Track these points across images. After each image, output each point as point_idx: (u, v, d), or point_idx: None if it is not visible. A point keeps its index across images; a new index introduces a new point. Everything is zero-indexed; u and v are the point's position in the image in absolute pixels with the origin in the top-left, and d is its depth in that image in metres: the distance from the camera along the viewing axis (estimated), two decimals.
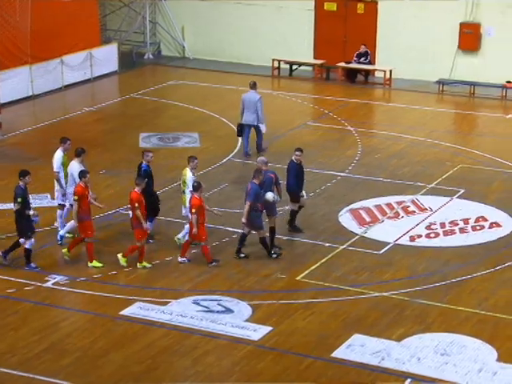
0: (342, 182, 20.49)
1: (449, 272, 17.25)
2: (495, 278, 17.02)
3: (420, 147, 24.53)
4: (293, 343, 14.78)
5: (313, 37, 33.27)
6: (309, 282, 16.92)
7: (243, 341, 14.82)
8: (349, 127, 26.45)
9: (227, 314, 15.67)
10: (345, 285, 16.75)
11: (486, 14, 30.56)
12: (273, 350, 14.56)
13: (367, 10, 32.38)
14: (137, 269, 17.37)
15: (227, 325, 15.28)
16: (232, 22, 34.05)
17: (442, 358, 14.24)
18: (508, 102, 29.46)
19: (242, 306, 15.95)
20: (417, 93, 30.25)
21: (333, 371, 14.00)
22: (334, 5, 32.87)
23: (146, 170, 18.19)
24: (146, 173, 18.08)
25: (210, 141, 24.97)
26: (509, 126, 26.96)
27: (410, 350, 14.47)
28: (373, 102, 29.97)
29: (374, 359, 14.23)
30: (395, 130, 26.01)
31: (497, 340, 14.75)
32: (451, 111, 29.40)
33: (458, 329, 15.15)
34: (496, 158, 23.48)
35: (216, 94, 30.37)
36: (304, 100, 29.61)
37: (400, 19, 31.53)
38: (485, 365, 14.04)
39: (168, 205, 19.46)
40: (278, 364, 14.19)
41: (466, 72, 30.72)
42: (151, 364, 14.19)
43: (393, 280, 16.98)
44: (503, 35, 30.36)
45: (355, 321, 15.51)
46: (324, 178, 21.66)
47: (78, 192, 17.09)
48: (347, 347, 14.60)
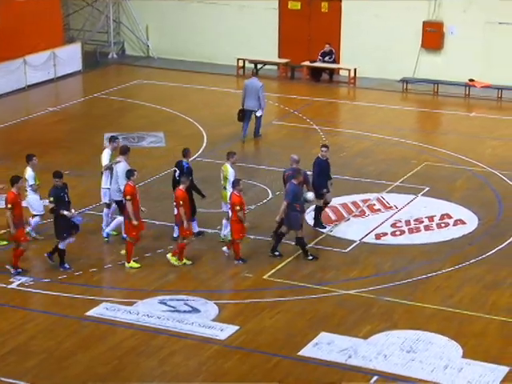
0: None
1: (414, 269, 17.34)
2: (460, 275, 17.14)
3: (385, 145, 24.65)
4: (260, 342, 14.77)
5: (277, 36, 33.31)
6: (275, 280, 16.92)
7: (210, 340, 14.78)
8: (314, 126, 26.51)
9: (194, 313, 15.62)
10: (311, 283, 16.77)
11: (449, 12, 30.79)
12: (240, 350, 14.55)
13: (331, 8, 32.47)
14: (103, 269, 17.27)
15: (194, 324, 15.24)
16: (196, 22, 33.98)
17: (408, 355, 14.31)
18: (471, 100, 29.70)
19: (209, 305, 15.92)
20: (381, 91, 30.40)
21: (300, 370, 14.02)
22: (298, 4, 32.94)
23: (189, 167, 18.33)
24: (188, 170, 18.20)
25: (175, 140, 24.88)
26: (472, 124, 27.19)
27: (377, 348, 14.53)
28: (338, 101, 30.07)
29: (341, 357, 14.27)
30: (360, 129, 26.12)
31: (462, 337, 14.85)
32: (415, 109, 29.59)
33: (423, 326, 15.24)
34: (460, 155, 23.66)
35: (181, 93, 30.28)
36: (269, 99, 29.54)
37: (364, 18, 31.66)
38: (450, 361, 14.14)
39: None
40: (245, 363, 14.17)
41: (430, 70, 30.94)
42: (118, 365, 14.11)
43: (359, 278, 17.03)
44: (466, 34, 30.60)
45: (322, 319, 15.54)
46: None
47: (129, 192, 16.97)
48: (314, 345, 14.62)
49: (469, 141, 25.24)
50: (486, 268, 17.36)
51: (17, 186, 16.79)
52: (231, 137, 24.18)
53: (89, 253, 17.93)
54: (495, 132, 26.08)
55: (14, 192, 16.75)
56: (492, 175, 22.33)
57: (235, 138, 24.61)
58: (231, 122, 26.49)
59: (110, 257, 17.83)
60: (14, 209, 16.64)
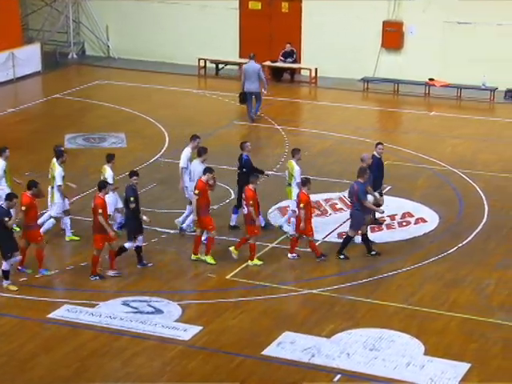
0: (270, 181, 20.53)
1: (376, 268, 17.44)
2: (421, 273, 17.27)
3: (346, 145, 24.77)
4: (223, 342, 14.76)
5: (238, 36, 33.31)
6: (239, 280, 16.93)
7: (173, 341, 14.74)
8: (276, 126, 26.55)
9: (157, 314, 15.57)
10: (274, 283, 16.80)
11: (408, 12, 31.02)
12: (203, 350, 14.53)
13: (292, 8, 32.55)
14: (65, 271, 17.13)
15: (157, 325, 15.18)
16: (157, 22, 33.86)
17: (371, 353, 14.39)
18: (431, 99, 29.95)
19: (172, 306, 15.87)
20: (342, 91, 30.53)
21: (263, 369, 14.03)
22: (258, 4, 32.97)
23: (247, 159, 18.59)
24: (247, 163, 18.51)
25: (136, 141, 24.79)
26: (432, 122, 27.41)
27: (340, 346, 14.59)
28: (299, 101, 30.16)
29: (305, 356, 14.31)
30: (322, 128, 26.21)
31: (424, 334, 14.96)
32: (376, 109, 29.78)
33: (386, 324, 15.33)
34: (420, 154, 23.83)
35: (142, 93, 30.16)
36: (231, 99, 29.59)
37: (324, 18, 31.76)
38: (413, 359, 14.24)
39: None
40: (208, 363, 14.15)
41: (390, 70, 31.14)
42: (80, 367, 14.02)
43: (322, 277, 17.09)
44: (425, 33, 30.85)
45: (285, 318, 15.57)
46: None
47: (199, 187, 17.14)
48: (278, 345, 14.64)
49: (429, 139, 25.44)
50: (446, 266, 17.51)
51: (34, 190, 16.73)
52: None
53: (50, 255, 17.77)
54: (455, 131, 26.32)
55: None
56: (452, 174, 22.54)
57: None
58: (192, 121, 26.49)
59: (72, 258, 17.70)
60: (29, 211, 16.48)
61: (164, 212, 19.41)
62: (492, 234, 18.88)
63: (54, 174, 18.15)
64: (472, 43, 30.22)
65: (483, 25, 30.03)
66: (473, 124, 27.17)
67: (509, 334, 15.00)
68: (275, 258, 17.77)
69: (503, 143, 25.23)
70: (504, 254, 18.02)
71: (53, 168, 18.24)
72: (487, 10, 29.90)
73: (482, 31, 30.06)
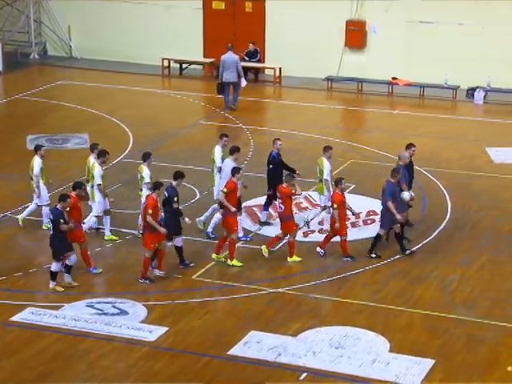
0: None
1: (342, 266, 17.49)
2: (386, 271, 17.37)
3: (311, 144, 24.82)
4: (189, 342, 14.74)
5: (202, 35, 33.26)
6: (204, 280, 16.90)
7: (139, 342, 14.68)
8: (241, 125, 26.55)
9: (122, 315, 15.49)
10: (240, 282, 16.80)
11: (371, 11, 31.18)
12: (169, 351, 14.48)
13: (255, 8, 32.57)
14: (28, 273, 16.98)
15: (122, 327, 15.11)
16: (120, 21, 33.71)
17: (336, 351, 14.44)
18: (394, 97, 30.13)
19: (137, 307, 15.80)
20: (306, 90, 30.62)
21: (230, 369, 14.03)
22: (222, 3, 32.95)
23: (275, 157, 18.74)
24: (274, 159, 18.73)
25: (100, 141, 24.43)
26: (396, 121, 27.58)
27: (306, 345, 14.62)
28: (263, 100, 30.19)
29: (271, 355, 14.32)
30: (286, 128, 26.25)
31: (389, 331, 15.05)
32: (340, 107, 29.90)
33: (351, 321, 15.39)
34: (385, 152, 23.96)
35: (106, 93, 30.01)
36: (195, 99, 29.58)
37: (288, 17, 31.83)
38: (378, 356, 14.31)
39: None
40: (174, 364, 14.12)
41: (354, 69, 31.27)
42: (45, 370, 13.91)
43: (287, 276, 17.12)
44: (388, 32, 31.03)
45: (251, 318, 15.58)
46: None
47: (229, 187, 17.25)
48: (244, 344, 14.64)
49: (393, 138, 25.57)
50: (411, 263, 17.62)
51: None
52: (157, 137, 24.03)
53: (13, 257, 17.62)
54: (418, 129, 26.49)
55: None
56: (416, 172, 22.62)
57: (161, 138, 24.49)
58: (156, 121, 26.42)
59: (36, 260, 17.56)
60: (73, 212, 16.47)
61: (128, 213, 19.33)
62: (455, 231, 19.03)
63: (93, 173, 18.14)
64: (434, 42, 30.46)
65: (445, 24, 30.28)
66: (435, 122, 27.37)
67: (472, 329, 15.14)
68: (240, 258, 17.74)
69: (465, 141, 25.45)
70: (467, 251, 18.18)
71: (92, 167, 18.21)
72: (449, 10, 30.15)
73: (444, 31, 30.31)
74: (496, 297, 16.29)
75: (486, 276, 17.11)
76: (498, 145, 24.85)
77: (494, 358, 14.24)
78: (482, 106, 29.22)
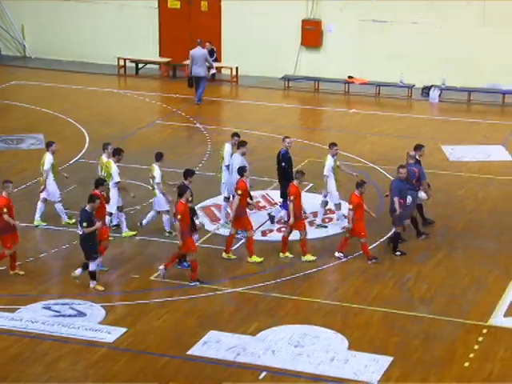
0: (193, 180, 20.46)
1: (300, 264, 17.54)
2: (344, 269, 17.45)
3: (268, 143, 24.84)
4: (148, 343, 14.68)
5: (158, 35, 33.13)
6: (163, 280, 16.83)
7: (97, 344, 14.59)
8: (198, 125, 26.51)
9: (80, 317, 15.38)
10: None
11: (326, 10, 31.30)
12: (128, 351, 14.41)
13: (211, 7, 32.53)
14: None
15: (80, 328, 15.00)
16: (75, 21, 33.42)
17: (295, 350, 14.48)
18: (351, 96, 30.30)
19: (95, 308, 15.70)
20: (263, 89, 30.66)
21: (189, 369, 14.00)
22: (177, 3, 32.85)
23: (285, 155, 18.94)
24: (284, 158, 18.92)
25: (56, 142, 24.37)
26: (352, 120, 27.73)
27: (265, 344, 14.65)
28: (220, 99, 30.16)
29: (230, 355, 14.32)
30: (244, 127, 26.23)
31: (347, 329, 15.13)
32: (297, 107, 29.98)
33: (310, 320, 15.45)
34: (341, 151, 23.97)
35: (61, 93, 29.76)
36: (152, 98, 29.46)
37: (244, 16, 31.85)
38: (337, 354, 14.38)
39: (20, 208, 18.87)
40: (133, 365, 14.05)
41: (310, 68, 31.38)
42: (1, 372, 13.76)
43: (246, 275, 17.12)
44: (343, 32, 31.19)
45: (210, 318, 15.56)
46: (175, 177, 21.57)
47: (242, 188, 17.25)
48: (203, 344, 14.62)
49: (349, 137, 25.71)
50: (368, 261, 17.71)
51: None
52: (113, 136, 23.84)
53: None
54: (374, 128, 26.67)
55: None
56: (372, 170, 22.82)
57: (118, 137, 24.33)
58: (113, 121, 26.27)
59: None
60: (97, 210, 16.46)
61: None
62: (411, 229, 19.17)
63: (109, 172, 18.15)
64: (389, 41, 30.69)
65: (399, 23, 30.52)
66: (391, 121, 27.58)
67: (429, 326, 15.28)
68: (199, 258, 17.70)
69: (421, 139, 25.56)
70: (423, 249, 18.34)
71: (108, 166, 18.24)
72: (403, 9, 30.39)
73: (398, 29, 30.55)
74: (452, 293, 16.47)
75: (443, 273, 17.28)
76: (453, 143, 25.11)
77: (450, 355, 14.38)
78: (437, 105, 29.50)
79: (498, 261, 17.74)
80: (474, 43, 29.91)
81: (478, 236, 18.84)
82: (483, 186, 21.85)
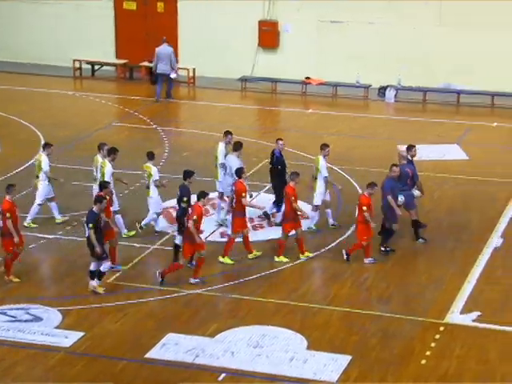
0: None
1: (259, 265, 17.51)
2: (303, 269, 17.48)
3: None
4: (106, 347, 14.57)
5: (114, 36, 32.93)
6: (120, 283, 16.72)
7: (54, 348, 14.45)
8: (155, 126, 26.39)
9: (36, 322, 15.22)
10: (157, 284, 16.66)
11: (283, 11, 31.35)
12: (85, 356, 14.29)
13: (167, 8, 32.40)
14: None
15: (36, 333, 14.84)
16: (29, 22, 33.06)
17: (255, 351, 14.46)
18: (308, 97, 30.38)
19: (52, 313, 15.54)
20: (220, 90, 30.61)
21: (147, 372, 13.92)
22: (133, 4, 32.68)
23: (279, 157, 19.17)
24: (277, 160, 19.10)
25: (10, 145, 24.16)
26: (310, 120, 27.80)
27: (224, 345, 14.61)
28: (178, 101, 30.05)
29: (189, 357, 14.27)
30: (201, 128, 26.20)
31: (306, 329, 15.15)
32: (255, 108, 29.98)
33: (269, 320, 15.45)
34: (299, 152, 24.09)
35: (15, 96, 29.44)
36: (108, 100, 29.27)
37: (201, 17, 31.77)
38: (296, 354, 14.39)
39: None
40: (91, 369, 13.94)
41: (268, 69, 31.39)
42: None
43: (205, 276, 17.06)
44: (300, 32, 31.25)
45: (169, 320, 15.49)
46: (133, 179, 21.46)
47: (244, 190, 17.36)
48: (161, 347, 14.55)
49: (307, 137, 25.75)
50: (327, 261, 17.77)
51: (106, 191, 16.81)
52: (69, 139, 23.70)
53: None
54: (332, 128, 26.75)
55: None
56: (330, 170, 22.85)
57: (73, 140, 24.16)
58: (68, 124, 26.06)
59: None
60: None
61: (42, 217, 19.00)
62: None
63: (103, 172, 18.14)
64: (346, 41, 30.81)
65: (356, 23, 30.66)
66: (348, 121, 27.69)
67: (387, 325, 15.36)
68: (157, 260, 17.64)
69: (377, 139, 25.80)
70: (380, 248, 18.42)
71: (103, 166, 18.23)
72: (359, 9, 30.52)
73: (354, 30, 30.68)
74: (410, 292, 16.58)
75: (400, 272, 17.38)
76: (409, 142, 25.19)
77: (408, 352, 14.47)
78: (393, 105, 29.69)
79: (455, 259, 17.89)
80: (430, 43, 30.15)
81: (435, 235, 18.97)
82: (439, 185, 22.02)
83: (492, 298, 16.22)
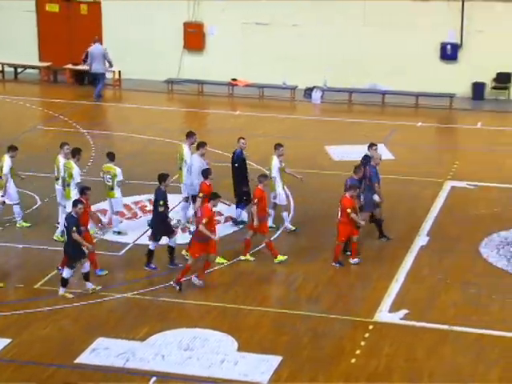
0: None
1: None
2: (233, 271, 17.49)
3: (154, 146, 24.72)
4: (34, 353, 14.36)
5: (37, 39, 32.48)
6: (48, 289, 16.51)
7: None
8: (81, 129, 26.12)
9: None
10: (86, 289, 16.48)
11: (208, 13, 31.37)
12: (13, 363, 14.06)
13: (91, 10, 32.12)
14: None
15: None
16: None
17: (185, 353, 14.43)
18: (235, 98, 30.45)
19: None
20: (147, 92, 30.49)
21: (77, 377, 13.77)
22: (56, 6, 32.30)
23: (239, 155, 19.27)
24: (238, 158, 19.22)
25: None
26: (237, 122, 27.86)
27: (155, 349, 14.54)
28: (103, 104, 29.81)
29: (119, 361, 14.16)
30: (128, 131, 26.04)
31: (236, 330, 15.16)
32: (182, 110, 29.95)
33: (200, 323, 15.43)
34: (226, 153, 24.08)
35: None
36: (32, 103, 28.88)
37: (125, 19, 31.60)
38: (226, 356, 14.40)
39: None
40: (19, 376, 13.73)
41: (194, 71, 31.39)
42: None
43: (134, 280, 16.96)
44: (225, 34, 31.32)
45: (99, 324, 15.34)
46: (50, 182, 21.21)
47: (206, 190, 17.47)
48: (91, 352, 14.40)
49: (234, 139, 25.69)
50: (256, 262, 17.81)
51: (85, 197, 16.76)
52: None
53: None
54: (259, 129, 26.86)
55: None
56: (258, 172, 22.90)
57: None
58: None
59: None
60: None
61: None
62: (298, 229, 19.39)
63: (71, 172, 18.13)
64: (271, 43, 31.00)
65: (280, 25, 30.86)
66: (275, 122, 27.85)
67: (317, 324, 15.47)
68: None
69: (305, 140, 26.00)
70: (310, 248, 18.57)
71: (69, 166, 18.18)
72: (283, 11, 30.75)
73: (279, 31, 30.88)
74: (339, 291, 16.73)
75: (329, 271, 17.52)
76: (335, 143, 25.54)
77: (338, 351, 14.60)
78: (319, 106, 29.96)
79: (382, 258, 18.11)
80: (354, 44, 30.52)
81: (362, 234, 19.15)
82: None
83: (419, 297, 16.48)
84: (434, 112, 29.38)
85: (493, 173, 23.08)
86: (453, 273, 17.44)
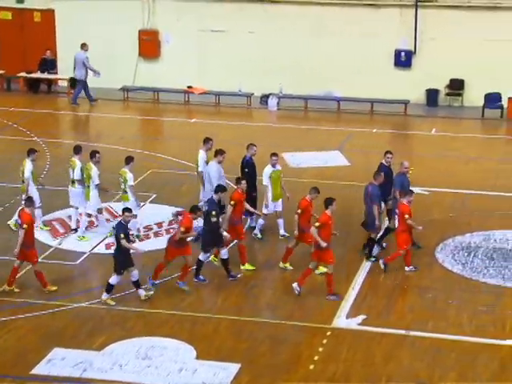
0: (43, 192, 19.97)
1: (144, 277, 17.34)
2: (190, 279, 17.39)
3: (109, 155, 24.48)
4: None
5: None
6: (3, 299, 16.29)
7: None
8: (35, 138, 25.88)
9: None
10: (42, 299, 16.33)
11: (163, 21, 31.31)
12: None
13: (44, 18, 31.86)
14: None
15: None
16: None
17: (143, 362, 14.35)
18: (191, 106, 30.43)
19: None
20: (102, 100, 30.31)
21: None
22: (8, 13, 32.00)
23: (249, 161, 19.35)
24: (248, 164, 19.24)
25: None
26: (193, 129, 27.81)
27: (112, 358, 14.44)
28: (57, 112, 29.61)
29: (76, 371, 14.04)
30: (83, 139, 25.82)
31: (195, 339, 15.13)
32: (137, 117, 29.82)
33: (158, 332, 15.35)
34: (183, 161, 24.09)
35: None
36: None
37: (80, 27, 31.37)
38: (185, 364, 14.35)
39: None
40: None
41: (149, 78, 31.30)
42: None
43: (91, 289, 16.84)
44: (181, 42, 31.29)
45: (55, 334, 15.20)
46: (12, 192, 21.00)
47: (235, 197, 17.34)
48: (47, 362, 14.26)
49: (191, 146, 25.68)
50: (214, 269, 17.75)
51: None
52: None
53: None
54: (215, 136, 26.58)
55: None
56: None
57: None
58: None
59: None
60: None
61: None
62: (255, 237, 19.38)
63: (89, 174, 18.70)
64: (227, 50, 31.03)
65: (236, 32, 30.91)
66: (231, 129, 27.86)
67: (275, 331, 15.48)
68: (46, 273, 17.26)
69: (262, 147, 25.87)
70: (267, 255, 18.60)
71: (88, 168, 18.73)
72: (238, 18, 30.81)
73: (235, 39, 30.93)
74: (296, 298, 16.75)
75: (287, 278, 17.54)
76: (292, 150, 25.61)
77: (296, 358, 14.63)
78: (275, 113, 30.05)
79: (341, 264, 18.16)
80: (310, 51, 30.68)
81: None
82: (324, 191, 22.20)
83: (376, 302, 16.59)
84: (389, 118, 29.63)
85: (447, 178, 23.34)
86: (409, 278, 17.58)
